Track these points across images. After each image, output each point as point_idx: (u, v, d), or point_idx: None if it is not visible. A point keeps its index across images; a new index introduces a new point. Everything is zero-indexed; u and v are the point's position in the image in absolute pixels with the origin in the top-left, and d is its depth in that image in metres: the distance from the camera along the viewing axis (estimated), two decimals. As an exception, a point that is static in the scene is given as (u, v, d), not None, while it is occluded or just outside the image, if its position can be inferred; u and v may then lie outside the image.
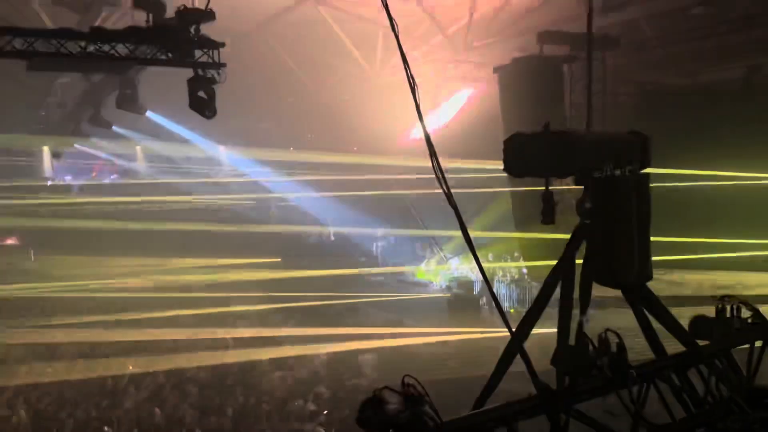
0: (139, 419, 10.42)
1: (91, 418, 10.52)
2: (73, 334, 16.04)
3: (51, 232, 23.58)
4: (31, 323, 17.03)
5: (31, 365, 13.42)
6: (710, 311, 3.81)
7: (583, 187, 3.24)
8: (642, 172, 3.29)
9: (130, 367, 13.00)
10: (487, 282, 3.90)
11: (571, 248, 3.15)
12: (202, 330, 16.86)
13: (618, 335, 3.26)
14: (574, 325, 3.25)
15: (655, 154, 3.46)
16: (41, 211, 24.33)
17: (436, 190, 3.59)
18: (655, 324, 3.62)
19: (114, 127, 17.34)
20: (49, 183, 27.52)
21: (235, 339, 15.76)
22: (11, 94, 20.46)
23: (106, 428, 9.98)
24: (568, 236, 3.33)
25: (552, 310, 3.35)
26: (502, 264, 19.75)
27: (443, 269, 22.18)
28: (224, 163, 27.34)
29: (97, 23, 11.40)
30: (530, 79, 13.25)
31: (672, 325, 3.48)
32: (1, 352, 14.48)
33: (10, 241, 26.42)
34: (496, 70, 14.67)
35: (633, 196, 3.16)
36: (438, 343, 16.11)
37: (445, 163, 3.46)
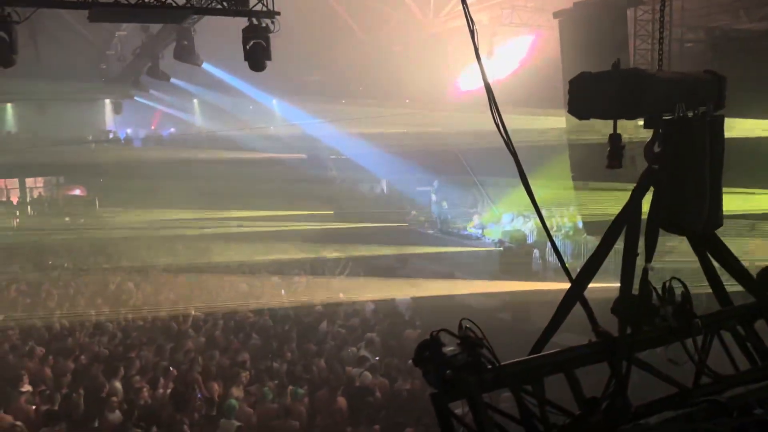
0: (202, 361, 10.90)
1: (157, 359, 11.06)
2: (137, 277, 16.85)
3: (115, 184, 24.50)
4: (97, 266, 17.96)
5: (100, 308, 14.19)
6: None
7: (652, 130, 3.09)
8: (716, 114, 3.11)
9: (193, 312, 13.55)
10: (548, 232, 3.83)
11: (637, 194, 3.04)
12: (258, 277, 17.40)
13: (683, 284, 3.16)
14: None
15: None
16: (105, 164, 25.23)
17: (490, 144, 3.51)
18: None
19: (172, 80, 17.61)
20: (111, 135, 28.46)
21: (289, 287, 16.20)
22: (73, 48, 21.05)
23: (171, 368, 10.48)
24: (627, 187, 3.21)
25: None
26: (557, 218, 19.45)
27: (495, 222, 22.00)
28: (277, 116, 27.56)
29: (153, -26, 11.48)
30: (593, 25, 12.69)
31: (741, 274, 3.34)
32: (69, 294, 15.34)
33: (77, 191, 27.61)
34: (556, 15, 14.10)
35: (706, 139, 2.99)
36: (489, 295, 16.13)
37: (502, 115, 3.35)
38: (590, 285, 3.21)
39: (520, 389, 2.82)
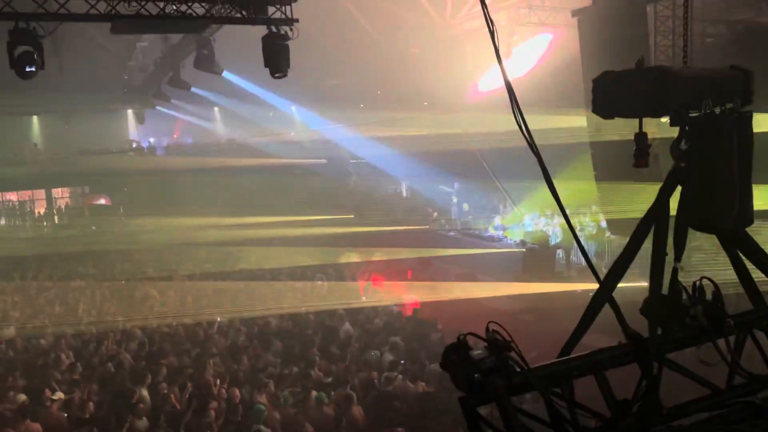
0: (227, 367, 10.99)
1: (183, 366, 11.17)
2: (162, 284, 17.05)
3: (139, 192, 24.84)
4: (124, 276, 18.21)
5: (127, 315, 14.38)
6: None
7: (678, 128, 3.05)
8: (744, 109, 3.05)
9: (218, 318, 13.67)
10: (573, 232, 3.78)
11: (664, 193, 2.99)
12: (281, 282, 17.52)
13: (714, 283, 3.10)
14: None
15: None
16: (129, 173, 25.59)
17: (510, 144, 3.49)
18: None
19: (193, 89, 17.82)
20: (134, 145, 28.87)
21: (312, 291, 16.27)
22: (96, 60, 21.41)
23: (196, 374, 10.57)
24: (653, 186, 3.16)
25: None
26: (581, 218, 19.27)
27: (518, 223, 21.88)
28: (297, 122, 27.74)
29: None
30: (612, 22, 12.56)
31: (773, 273, 3.27)
32: (96, 302, 15.57)
33: (102, 201, 28.05)
34: (575, 13, 13.99)
35: (734, 136, 2.94)
36: (512, 297, 16.04)
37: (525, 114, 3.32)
38: (619, 285, 3.17)
39: (550, 392, 2.79)
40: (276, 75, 9.12)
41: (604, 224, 17.56)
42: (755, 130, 3.17)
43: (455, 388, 2.73)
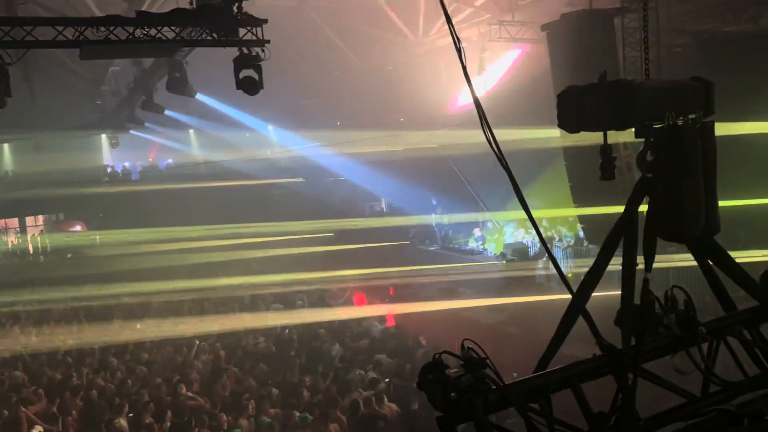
0: (210, 392, 10.84)
1: (162, 394, 10.98)
2: (139, 311, 16.82)
3: (114, 218, 24.54)
4: (100, 302, 17.95)
5: (104, 342, 14.13)
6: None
7: (643, 139, 3.09)
8: (706, 120, 3.11)
9: (197, 342, 13.49)
10: (544, 243, 3.81)
11: (633, 204, 3.02)
12: (262, 303, 17.38)
13: (686, 292, 3.13)
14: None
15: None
16: (104, 199, 25.30)
17: (487, 157, 3.51)
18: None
19: (167, 112, 17.70)
20: (108, 170, 28.56)
21: (292, 310, 16.16)
22: (68, 85, 21.20)
23: (177, 399, 10.40)
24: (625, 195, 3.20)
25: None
26: (558, 229, 19.43)
27: (497, 236, 21.97)
28: (273, 141, 27.68)
29: (143, 8, 11.61)
30: (581, 35, 12.76)
31: (742, 278, 3.32)
32: (73, 331, 15.31)
33: (77, 227, 27.62)
34: (544, 27, 14.20)
35: (698, 146, 2.99)
36: (494, 309, 16.07)
37: (495, 130, 3.35)
38: (594, 294, 3.19)
39: (527, 408, 2.78)
40: (249, 94, 9.10)
41: (582, 234, 17.72)
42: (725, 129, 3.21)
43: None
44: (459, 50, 3.70)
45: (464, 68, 3.67)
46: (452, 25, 3.85)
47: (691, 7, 15.19)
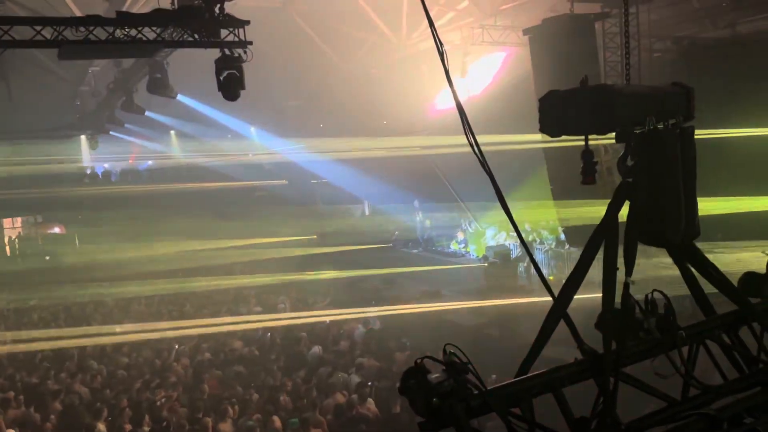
0: (190, 396, 10.71)
1: (141, 398, 10.84)
2: (119, 314, 16.61)
3: (93, 220, 24.22)
4: (79, 305, 17.68)
5: (82, 345, 13.93)
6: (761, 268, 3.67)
7: (624, 144, 3.11)
8: (686, 125, 3.13)
9: (176, 346, 13.34)
10: (526, 247, 3.81)
11: (613, 208, 3.03)
12: (243, 305, 17.26)
13: (665, 296, 3.15)
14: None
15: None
16: (83, 200, 24.95)
17: (469, 160, 3.51)
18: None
19: (147, 113, 17.50)
20: (88, 171, 28.18)
21: (275, 314, 16.07)
22: (46, 86, 20.87)
23: (156, 404, 10.27)
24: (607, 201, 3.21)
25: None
26: (540, 232, 19.53)
27: (479, 239, 22.05)
28: (256, 143, 27.51)
29: (124, 8, 11.47)
30: (562, 40, 12.87)
31: (721, 282, 3.35)
32: (50, 334, 15.07)
33: (56, 230, 27.23)
34: (526, 32, 14.31)
35: (678, 150, 3.01)
36: (476, 312, 16.10)
37: (478, 134, 3.35)
38: (577, 296, 3.19)
39: (509, 412, 2.77)
40: (229, 98, 9.01)
41: (563, 236, 17.84)
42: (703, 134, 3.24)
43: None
44: (441, 54, 3.71)
45: (447, 72, 3.69)
46: (435, 29, 3.85)
47: (671, 13, 15.40)
